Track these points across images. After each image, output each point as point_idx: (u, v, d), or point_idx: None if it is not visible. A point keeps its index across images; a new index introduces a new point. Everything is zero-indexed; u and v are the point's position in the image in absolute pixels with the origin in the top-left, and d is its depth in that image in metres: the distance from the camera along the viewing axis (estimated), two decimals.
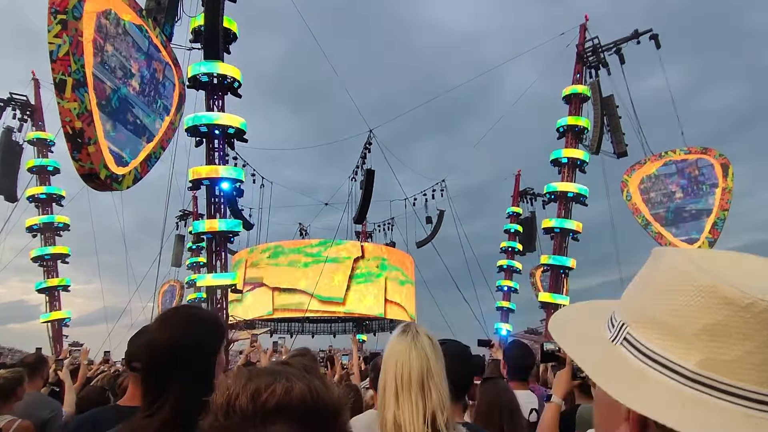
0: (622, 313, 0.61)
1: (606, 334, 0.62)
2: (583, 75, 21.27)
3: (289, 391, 0.60)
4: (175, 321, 1.36)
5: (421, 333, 1.49)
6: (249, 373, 0.63)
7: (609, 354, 0.59)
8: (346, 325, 30.02)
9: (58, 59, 8.72)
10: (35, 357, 3.21)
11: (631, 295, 0.62)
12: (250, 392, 0.60)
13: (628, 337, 0.58)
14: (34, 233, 21.47)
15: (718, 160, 18.26)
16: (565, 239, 21.18)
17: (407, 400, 1.38)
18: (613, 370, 0.56)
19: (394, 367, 1.43)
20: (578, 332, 0.66)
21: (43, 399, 3.04)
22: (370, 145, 20.84)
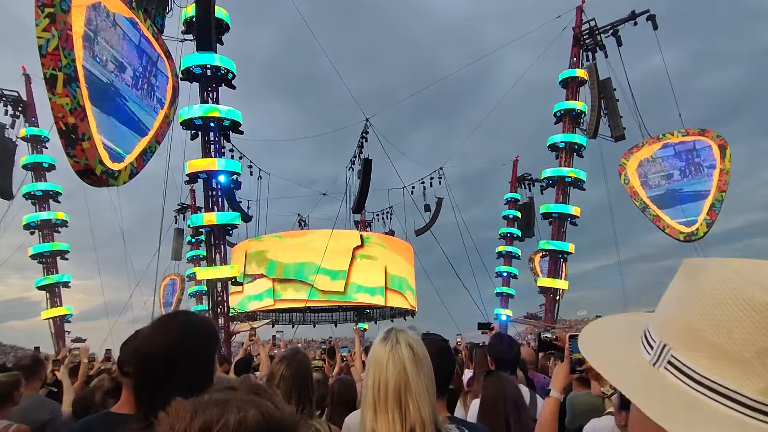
0: (661, 332, 0.56)
1: (643, 355, 0.57)
2: (579, 58, 21.09)
3: (243, 422, 0.56)
4: (171, 327, 1.33)
5: (401, 342, 1.40)
6: (192, 406, 0.58)
7: (653, 380, 0.54)
8: (348, 314, 30.18)
9: (47, 54, 8.59)
10: (31, 359, 3.20)
11: (668, 313, 0.57)
12: (200, 427, 0.55)
13: (672, 360, 0.53)
14: (32, 230, 21.42)
15: (716, 141, 18.20)
16: (563, 224, 21.21)
17: (383, 415, 1.34)
18: (662, 398, 0.51)
19: (372, 378, 1.38)
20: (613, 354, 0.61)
21: (42, 401, 3.04)
22: (366, 135, 20.73)
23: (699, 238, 17.77)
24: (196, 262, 27.59)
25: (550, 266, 21.86)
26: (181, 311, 1.45)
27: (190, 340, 1.33)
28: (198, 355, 1.33)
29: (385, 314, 29.98)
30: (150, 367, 1.28)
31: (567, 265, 22.13)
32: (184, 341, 1.31)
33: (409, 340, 1.42)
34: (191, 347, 1.32)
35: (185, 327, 1.34)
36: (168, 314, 1.40)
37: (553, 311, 21.58)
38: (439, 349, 1.84)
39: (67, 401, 2.96)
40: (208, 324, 1.41)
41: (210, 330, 1.40)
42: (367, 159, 20.26)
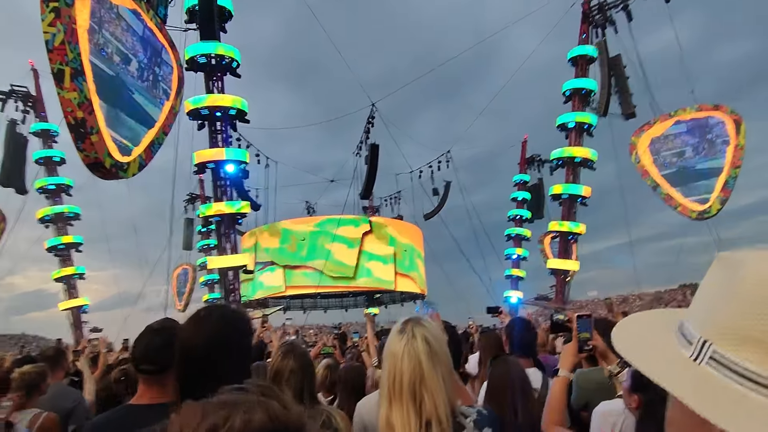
0: (700, 328, 0.55)
1: (681, 351, 0.56)
2: (589, 35, 20.62)
3: (248, 423, 0.57)
4: (209, 321, 1.37)
5: (417, 336, 1.39)
6: (201, 408, 0.60)
7: (696, 376, 0.53)
8: (358, 299, 30.44)
9: (54, 49, 8.62)
10: (54, 350, 3.31)
11: (706, 309, 0.56)
12: (206, 430, 0.56)
13: (715, 356, 0.52)
14: (47, 224, 21.80)
15: (730, 116, 17.79)
16: (573, 205, 21.04)
17: (398, 407, 1.35)
18: (708, 395, 0.50)
19: (387, 371, 1.40)
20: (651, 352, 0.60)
21: (66, 390, 3.16)
22: (373, 120, 20.62)
23: (712, 215, 17.53)
24: (207, 251, 27.92)
25: (560, 247, 21.76)
26: (215, 305, 1.48)
27: (229, 333, 1.37)
28: (236, 347, 1.37)
29: (395, 299, 30.19)
30: (192, 362, 1.32)
31: (577, 246, 22.02)
32: (224, 335, 1.35)
33: (425, 333, 1.41)
34: (230, 341, 1.36)
35: (223, 321, 1.38)
36: (204, 309, 1.44)
37: (564, 292, 21.57)
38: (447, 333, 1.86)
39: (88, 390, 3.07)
40: (243, 317, 1.45)
41: (245, 322, 1.44)
42: (374, 144, 20.19)
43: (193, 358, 1.32)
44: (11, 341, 30.04)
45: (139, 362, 1.65)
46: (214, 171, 16.95)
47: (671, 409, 0.59)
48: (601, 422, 2.03)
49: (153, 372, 1.63)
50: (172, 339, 1.64)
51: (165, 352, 1.62)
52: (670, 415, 0.60)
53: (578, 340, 2.09)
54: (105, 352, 4.05)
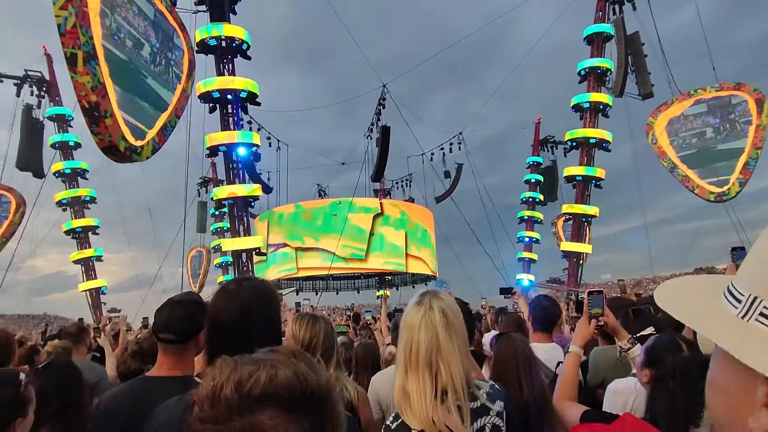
0: (751, 287, 0.55)
1: (730, 309, 0.56)
2: (606, 13, 20.02)
3: (273, 378, 0.60)
4: (240, 294, 1.39)
5: (435, 307, 1.43)
6: (234, 362, 0.63)
7: (746, 332, 0.53)
8: (370, 280, 30.69)
9: (66, 32, 8.66)
10: (77, 327, 3.43)
11: (756, 266, 0.55)
12: (235, 382, 0.60)
13: (765, 311, 0.52)
14: (64, 207, 22.24)
15: (753, 95, 17.23)
16: (587, 187, 20.77)
17: (414, 377, 1.38)
18: (758, 348, 0.50)
19: (404, 341, 1.43)
20: (697, 308, 0.60)
21: (90, 364, 3.27)
22: (384, 101, 20.42)
23: (731, 198, 17.16)
24: (221, 234, 28.28)
25: (573, 230, 21.57)
26: (244, 278, 1.51)
27: (259, 302, 1.39)
28: (267, 318, 1.40)
29: (406, 281, 30.36)
30: (223, 334, 1.34)
31: (591, 229, 21.81)
32: (255, 304, 1.38)
33: (441, 305, 1.45)
34: (261, 311, 1.38)
35: (253, 293, 1.40)
36: (233, 281, 1.46)
37: (577, 275, 21.46)
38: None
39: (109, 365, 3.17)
40: (271, 288, 1.48)
41: (273, 294, 1.47)
42: (385, 126, 20.03)
43: (224, 330, 1.35)
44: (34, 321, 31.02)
45: (159, 330, 1.68)
46: (226, 154, 17.04)
47: (714, 368, 0.59)
48: (613, 400, 2.04)
49: (172, 341, 1.66)
50: (193, 310, 1.67)
51: (185, 322, 1.66)
52: (713, 374, 0.59)
53: (589, 316, 2.10)
54: (125, 330, 4.17)
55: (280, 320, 1.46)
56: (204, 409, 0.60)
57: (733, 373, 0.54)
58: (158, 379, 1.65)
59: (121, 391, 1.72)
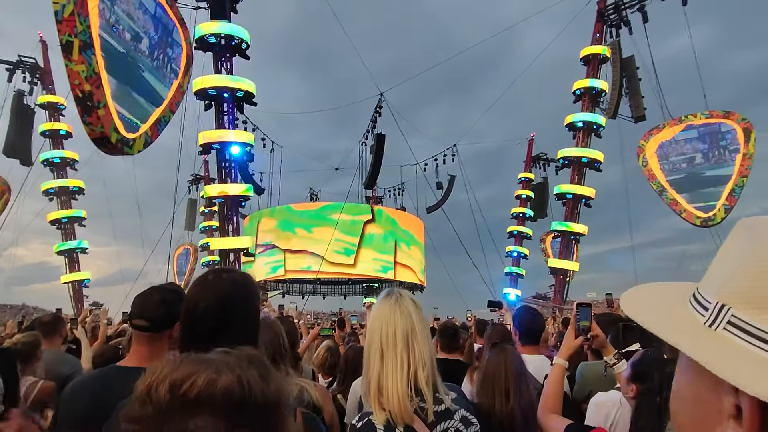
0: (717, 294, 0.52)
1: (696, 317, 0.54)
2: (603, 35, 20.38)
3: (212, 383, 0.56)
4: (217, 284, 1.35)
5: (404, 296, 1.55)
6: (177, 361, 0.59)
7: (714, 340, 0.50)
8: (357, 287, 30.55)
9: (63, 20, 8.58)
10: (53, 316, 3.33)
11: (724, 274, 0.53)
12: (170, 382, 0.56)
13: (733, 320, 0.50)
14: (51, 197, 21.87)
15: (741, 124, 17.62)
16: (577, 205, 20.97)
17: (392, 358, 1.43)
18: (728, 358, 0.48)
19: (380, 329, 1.48)
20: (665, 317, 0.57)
21: (64, 356, 3.18)
22: (380, 109, 20.53)
23: (716, 223, 17.43)
24: (209, 233, 28.00)
25: (561, 247, 21.72)
26: (222, 269, 1.47)
27: (238, 295, 1.35)
28: (245, 308, 1.36)
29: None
30: (198, 324, 1.30)
31: (579, 247, 21.98)
32: (233, 296, 1.34)
33: (410, 296, 1.58)
34: (239, 302, 1.34)
35: (233, 285, 1.36)
36: (212, 271, 1.42)
37: (563, 292, 21.56)
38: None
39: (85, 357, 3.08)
40: (250, 279, 1.44)
41: (253, 285, 1.43)
42: (380, 134, 20.10)
43: (199, 322, 1.30)
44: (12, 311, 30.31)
45: (133, 316, 1.63)
46: (219, 152, 16.91)
47: (680, 378, 0.57)
48: (595, 412, 2.03)
49: (146, 329, 1.62)
50: (169, 298, 1.62)
51: (159, 310, 1.61)
52: (678, 385, 0.57)
53: (577, 328, 2.09)
54: (105, 324, 4.07)
55: (259, 315, 1.40)
56: (134, 407, 0.56)
57: (700, 383, 0.52)
58: (128, 369, 1.60)
59: (89, 377, 1.69)
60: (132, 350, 1.65)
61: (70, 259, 22.33)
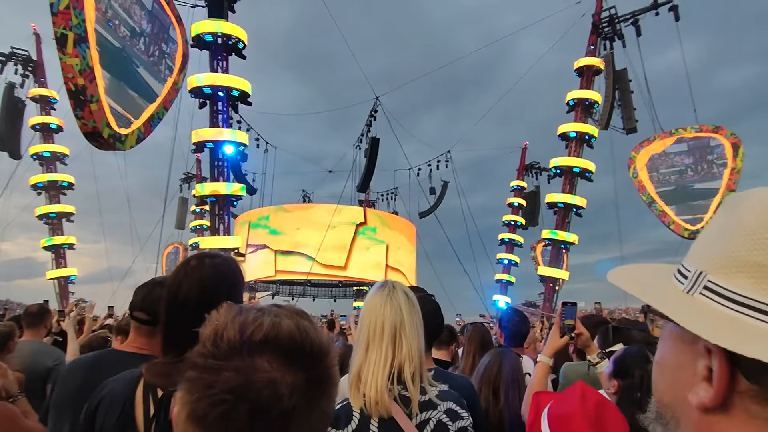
0: (697, 263, 0.54)
1: (677, 286, 0.56)
2: (597, 47, 20.67)
3: (276, 326, 0.61)
4: (202, 269, 1.34)
5: (397, 288, 1.53)
6: (239, 307, 0.65)
7: (690, 304, 0.52)
8: (347, 289, 30.45)
9: (58, 12, 8.52)
10: (38, 307, 3.28)
11: (706, 244, 0.55)
12: (239, 324, 0.61)
13: (708, 285, 0.51)
14: (39, 191, 21.59)
15: (729, 139, 17.93)
16: (568, 215, 21.14)
17: (376, 350, 1.43)
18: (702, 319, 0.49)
19: (368, 320, 1.48)
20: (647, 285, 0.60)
21: (48, 348, 3.13)
22: (375, 113, 20.56)
23: None
24: (200, 232, 27.80)
25: (551, 256, 21.87)
26: (205, 254, 1.45)
27: (222, 280, 1.35)
28: (229, 293, 1.33)
29: None
30: (179, 310, 1.29)
31: (568, 256, 22.15)
32: (216, 282, 1.33)
33: (404, 288, 1.56)
34: (223, 287, 1.33)
35: (215, 268, 1.35)
36: (195, 257, 1.40)
37: (552, 300, 21.68)
38: (430, 310, 1.87)
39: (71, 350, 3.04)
40: (233, 262, 1.43)
41: (236, 269, 1.42)
42: (375, 138, 20.14)
43: (180, 307, 1.29)
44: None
45: (133, 309, 1.64)
46: (212, 151, 16.84)
47: (661, 347, 0.58)
48: None
49: (145, 322, 1.63)
50: None
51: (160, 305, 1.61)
52: (659, 354, 0.59)
53: (561, 327, 2.11)
54: (91, 318, 4.03)
55: (242, 301, 1.40)
56: (206, 346, 0.61)
57: (679, 351, 0.54)
58: (124, 353, 1.62)
59: (85, 358, 1.72)
60: (131, 338, 1.67)
61: (57, 255, 22.02)
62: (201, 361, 0.60)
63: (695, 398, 0.50)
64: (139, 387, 1.22)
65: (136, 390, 1.22)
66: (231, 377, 0.58)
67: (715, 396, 0.48)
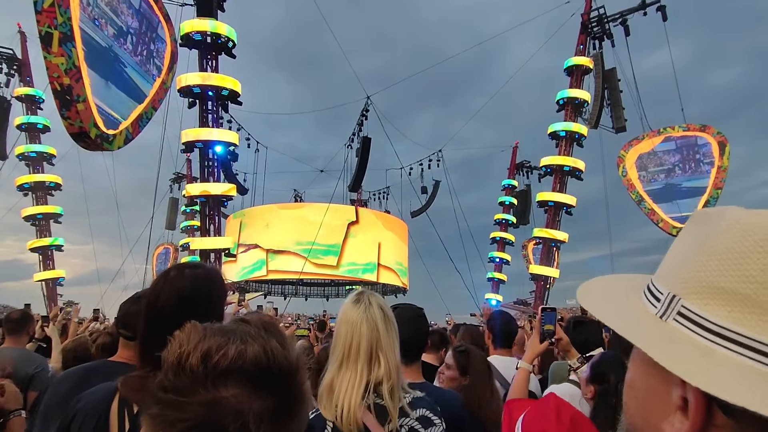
0: (668, 283, 0.52)
1: (649, 309, 0.54)
2: (586, 46, 20.82)
3: (242, 353, 0.59)
4: (180, 280, 1.33)
5: (373, 304, 1.51)
6: (203, 331, 0.62)
7: (663, 331, 0.50)
8: (340, 289, 30.42)
9: (43, 10, 8.39)
10: (21, 313, 3.21)
11: (677, 263, 0.52)
12: (202, 353, 0.58)
13: (682, 311, 0.49)
14: (26, 192, 21.27)
15: (716, 138, 18.17)
16: (558, 213, 21.28)
17: (351, 369, 1.41)
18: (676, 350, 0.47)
19: (344, 336, 1.46)
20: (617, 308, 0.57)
21: (29, 354, 3.06)
22: (367, 112, 20.52)
23: None
24: (190, 232, 27.58)
25: (542, 254, 22.00)
26: (186, 264, 1.43)
27: (201, 291, 1.33)
28: (208, 305, 1.33)
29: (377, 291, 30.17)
30: (158, 321, 1.27)
31: (559, 254, 22.29)
32: (195, 293, 1.31)
33: (379, 301, 1.54)
34: (202, 299, 1.32)
35: (195, 279, 1.33)
36: (175, 267, 1.38)
37: (543, 298, 21.82)
38: (414, 317, 1.87)
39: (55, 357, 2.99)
40: (215, 274, 1.41)
41: (217, 280, 1.40)
42: (366, 137, 20.10)
43: (158, 318, 1.28)
44: None
45: (119, 326, 1.67)
46: (202, 151, 16.69)
47: (631, 370, 0.57)
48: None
49: (131, 338, 1.63)
50: None
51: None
52: (630, 376, 0.57)
53: (541, 332, 2.12)
54: (76, 322, 3.97)
55: (223, 313, 1.38)
56: (168, 377, 0.58)
57: (650, 375, 0.52)
58: (115, 363, 1.62)
59: (79, 367, 1.70)
60: (120, 350, 1.68)
61: (45, 256, 21.72)
62: (163, 395, 0.58)
63: (670, 429, 0.49)
64: (114, 401, 1.21)
65: (111, 404, 1.20)
66: (195, 413, 0.55)
67: (690, 429, 0.47)
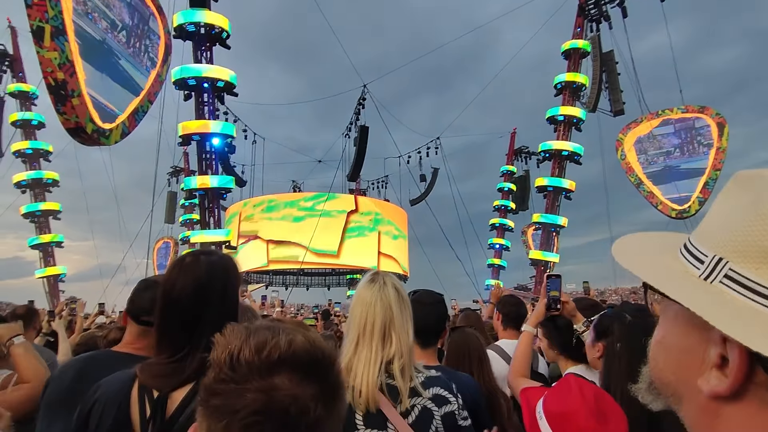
0: (712, 245, 0.52)
1: (690, 269, 0.54)
2: (584, 29, 20.62)
3: (291, 343, 0.64)
4: (195, 267, 1.32)
5: (388, 283, 1.52)
6: (247, 329, 0.66)
7: (709, 293, 0.50)
8: (340, 278, 30.51)
9: (33, 4, 8.27)
10: (27, 308, 3.22)
11: (719, 225, 0.52)
12: (254, 345, 0.63)
13: (730, 273, 0.49)
14: (23, 189, 21.19)
15: (715, 119, 18.12)
16: (557, 198, 21.29)
17: (366, 348, 1.43)
18: (723, 310, 0.48)
19: (359, 316, 1.47)
20: (657, 267, 0.57)
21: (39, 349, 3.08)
22: (364, 101, 20.40)
23: (691, 215, 17.94)
24: (190, 225, 27.56)
25: (542, 239, 22.05)
26: (201, 251, 1.43)
27: (217, 278, 1.33)
28: (224, 292, 1.33)
29: None
30: (175, 310, 1.28)
31: (559, 239, 22.35)
32: (211, 280, 1.31)
33: (394, 282, 1.55)
34: (218, 285, 1.32)
35: (210, 266, 1.33)
36: (190, 254, 1.38)
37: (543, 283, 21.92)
38: (433, 302, 1.88)
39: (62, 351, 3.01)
40: (230, 261, 1.41)
41: (232, 267, 1.40)
42: (364, 126, 20.00)
43: (174, 306, 1.28)
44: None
45: (140, 312, 1.61)
46: (199, 143, 16.61)
47: (666, 326, 0.57)
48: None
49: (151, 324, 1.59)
50: None
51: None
52: (662, 333, 0.58)
53: (547, 298, 2.16)
54: (82, 316, 3.99)
55: (238, 300, 1.38)
56: (223, 371, 0.62)
57: (687, 334, 0.53)
58: (121, 354, 1.59)
59: (79, 357, 1.68)
60: (130, 339, 1.63)
61: (45, 253, 21.72)
62: (222, 387, 0.62)
63: (707, 386, 0.50)
64: (134, 388, 1.21)
65: (131, 391, 1.21)
66: (256, 398, 0.60)
67: (730, 387, 0.47)
